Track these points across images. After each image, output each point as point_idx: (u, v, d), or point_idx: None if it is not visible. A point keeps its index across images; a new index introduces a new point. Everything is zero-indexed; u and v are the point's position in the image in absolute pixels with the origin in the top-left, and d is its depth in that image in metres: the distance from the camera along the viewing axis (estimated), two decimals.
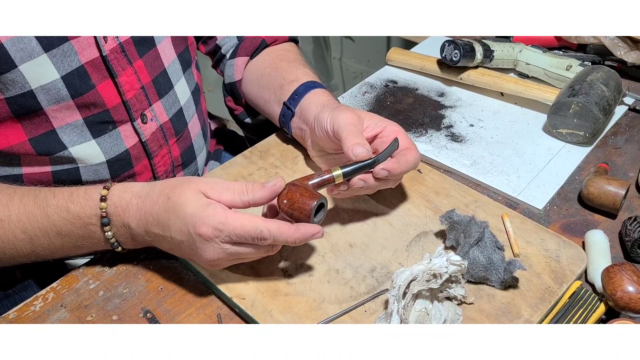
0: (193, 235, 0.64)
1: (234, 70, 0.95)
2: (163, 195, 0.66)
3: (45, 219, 0.68)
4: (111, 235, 0.68)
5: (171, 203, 0.65)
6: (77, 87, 0.73)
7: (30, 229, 0.68)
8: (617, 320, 0.64)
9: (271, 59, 0.93)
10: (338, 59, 2.44)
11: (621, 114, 0.98)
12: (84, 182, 0.79)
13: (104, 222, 0.67)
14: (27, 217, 0.68)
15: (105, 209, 0.67)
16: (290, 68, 0.90)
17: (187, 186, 0.65)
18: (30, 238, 0.69)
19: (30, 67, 0.69)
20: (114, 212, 0.67)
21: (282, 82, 0.87)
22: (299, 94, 0.84)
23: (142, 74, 0.80)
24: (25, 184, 0.77)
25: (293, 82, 0.86)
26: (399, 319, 0.62)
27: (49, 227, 0.68)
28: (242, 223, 0.63)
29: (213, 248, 0.64)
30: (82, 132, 0.76)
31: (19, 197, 0.69)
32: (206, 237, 0.63)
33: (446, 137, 0.94)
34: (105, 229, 0.68)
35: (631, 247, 0.74)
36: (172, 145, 0.87)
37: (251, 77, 0.94)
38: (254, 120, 1.01)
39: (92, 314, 0.68)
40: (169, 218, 0.65)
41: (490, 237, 0.71)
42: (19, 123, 0.72)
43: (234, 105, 1.00)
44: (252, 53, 0.94)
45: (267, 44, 0.95)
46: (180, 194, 0.65)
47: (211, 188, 0.65)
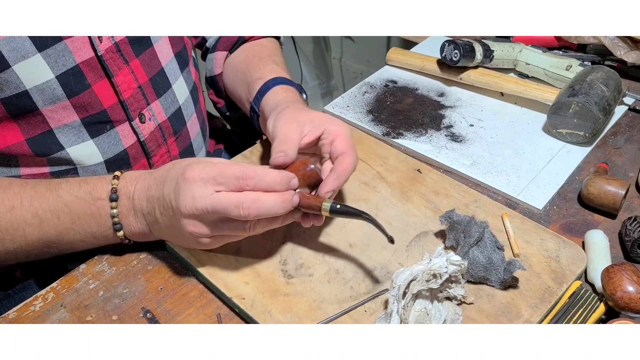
0: (179, 182, 0.64)
1: (213, 64, 0.96)
2: (171, 164, 0.68)
3: (57, 199, 0.69)
4: (116, 212, 0.69)
5: (173, 164, 0.68)
6: (73, 87, 0.73)
7: (41, 211, 0.69)
8: (617, 320, 0.64)
9: (245, 55, 0.94)
10: (338, 59, 2.44)
11: (621, 114, 0.98)
12: None
13: (112, 197, 0.69)
14: (38, 201, 0.69)
15: (117, 185, 0.69)
16: (259, 65, 0.90)
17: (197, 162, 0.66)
18: (40, 221, 0.69)
19: (24, 67, 0.68)
20: (123, 186, 0.69)
21: (250, 80, 0.88)
22: (261, 93, 0.84)
23: (139, 74, 0.80)
24: None
25: (257, 81, 0.86)
26: (399, 319, 0.62)
27: (60, 207, 0.69)
28: (229, 164, 0.64)
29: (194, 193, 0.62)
30: (79, 132, 0.76)
31: (31, 186, 0.70)
32: (191, 179, 0.63)
33: (446, 137, 0.94)
34: (112, 204, 0.69)
35: (631, 247, 0.74)
36: (170, 145, 0.87)
37: (227, 73, 0.96)
38: (236, 114, 1.02)
39: (92, 314, 0.68)
40: (167, 175, 0.66)
41: (490, 237, 0.71)
42: (15, 123, 0.72)
43: (215, 98, 1.01)
44: (230, 48, 0.95)
45: (244, 40, 0.96)
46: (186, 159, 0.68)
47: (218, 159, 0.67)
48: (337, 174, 0.70)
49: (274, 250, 0.74)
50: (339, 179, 0.70)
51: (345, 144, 0.72)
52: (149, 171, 0.71)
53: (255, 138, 0.97)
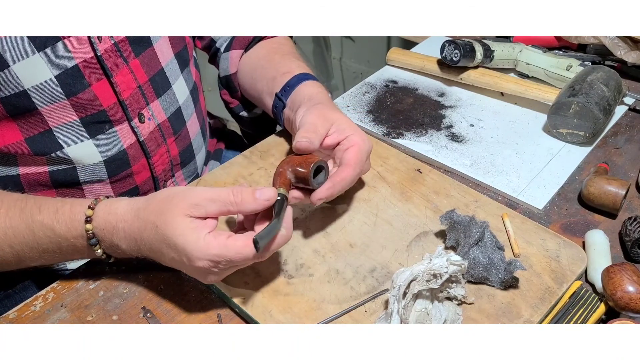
0: (189, 266, 0.63)
1: (228, 63, 0.96)
2: (150, 223, 0.63)
3: (31, 235, 0.66)
4: (101, 252, 0.67)
5: (160, 233, 0.62)
6: (72, 86, 0.73)
7: (17, 244, 0.67)
8: (617, 320, 0.64)
9: (265, 52, 0.94)
10: (338, 59, 2.44)
11: (621, 114, 0.98)
12: (82, 183, 0.79)
13: (92, 242, 0.66)
14: (13, 232, 0.67)
15: (92, 230, 0.65)
16: (284, 60, 0.90)
17: (171, 212, 0.62)
18: (17, 252, 0.68)
19: (23, 66, 0.68)
20: (101, 234, 0.66)
21: (275, 74, 0.88)
22: (291, 85, 0.84)
23: (138, 74, 0.80)
24: (23, 184, 0.77)
25: (286, 74, 0.86)
26: (399, 319, 0.62)
27: (35, 244, 0.67)
28: (238, 251, 0.60)
29: (212, 273, 0.63)
30: (78, 132, 0.76)
31: (5, 210, 0.67)
32: (205, 269, 0.62)
33: (446, 137, 0.94)
34: (95, 248, 0.66)
35: (631, 247, 0.74)
36: (170, 144, 0.87)
37: (245, 70, 0.95)
38: (250, 113, 1.02)
39: (92, 314, 0.68)
40: (161, 248, 0.63)
41: (491, 237, 0.71)
42: (14, 122, 0.72)
43: (229, 98, 1.01)
44: (246, 46, 0.96)
45: (261, 38, 0.96)
46: (166, 222, 0.61)
47: (196, 206, 0.61)
48: (333, 183, 0.70)
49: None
50: (332, 189, 0.70)
51: (355, 157, 0.72)
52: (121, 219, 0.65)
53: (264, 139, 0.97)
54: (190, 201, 0.62)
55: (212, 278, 0.64)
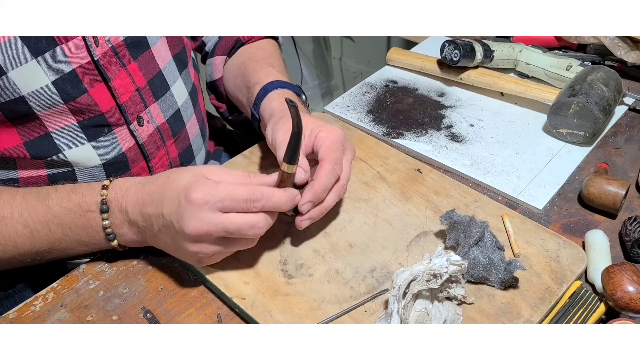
0: (183, 204, 0.63)
1: (212, 69, 0.97)
2: (163, 176, 0.67)
3: (47, 210, 0.69)
4: (108, 224, 0.68)
5: (169, 180, 0.66)
6: (69, 91, 0.73)
7: (32, 222, 0.68)
8: (617, 320, 0.64)
9: (243, 59, 0.94)
10: (338, 59, 2.44)
11: (621, 114, 0.98)
12: None
13: (103, 208, 0.68)
14: (28, 212, 0.69)
15: (106, 195, 0.68)
16: (255, 68, 0.89)
17: (188, 168, 0.67)
18: (31, 232, 0.69)
19: (20, 73, 0.68)
20: (114, 198, 0.68)
21: (249, 85, 0.88)
22: (259, 98, 0.84)
23: (136, 77, 0.80)
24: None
25: (255, 85, 0.86)
26: (399, 319, 0.62)
27: (50, 218, 0.69)
28: (235, 187, 0.63)
29: (201, 217, 0.62)
30: (77, 135, 0.76)
31: (21, 195, 0.70)
32: (197, 202, 0.62)
33: (446, 137, 0.94)
34: (103, 216, 0.68)
35: (631, 247, 0.74)
36: (169, 147, 0.87)
37: (228, 77, 0.96)
38: (240, 117, 1.02)
39: (92, 314, 0.68)
40: (163, 192, 0.65)
41: (490, 237, 0.71)
42: (13, 127, 0.72)
43: (217, 103, 1.01)
44: (228, 52, 0.96)
45: (242, 42, 0.96)
46: (179, 172, 0.66)
47: (212, 171, 0.66)
48: (313, 189, 0.68)
49: (274, 250, 0.74)
50: (314, 193, 0.68)
51: (326, 152, 0.70)
52: (139, 181, 0.69)
53: (258, 139, 0.97)
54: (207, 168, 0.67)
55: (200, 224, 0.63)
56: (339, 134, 0.73)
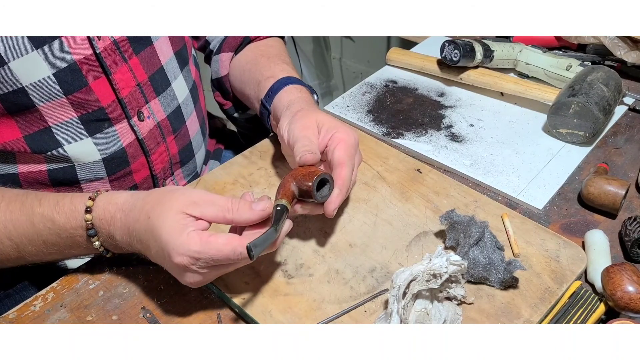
0: (167, 262, 0.62)
1: (219, 66, 0.97)
2: (144, 213, 0.63)
3: (31, 227, 0.67)
4: (99, 245, 0.68)
5: (150, 223, 0.62)
6: (70, 84, 0.73)
7: (16, 236, 0.68)
8: (617, 320, 0.64)
9: (253, 55, 0.94)
10: (338, 59, 2.44)
11: (621, 114, 0.98)
12: (80, 181, 0.79)
13: (91, 233, 0.67)
14: (13, 225, 0.67)
15: (91, 220, 0.66)
16: (269, 64, 0.90)
17: (168, 205, 0.62)
18: (17, 245, 0.68)
19: (21, 64, 0.68)
20: (100, 224, 0.66)
21: (260, 79, 0.88)
22: (273, 91, 0.84)
23: (137, 72, 0.80)
24: (22, 183, 0.77)
25: (269, 79, 0.86)
26: (399, 319, 0.62)
27: (35, 236, 0.68)
28: (219, 249, 0.60)
29: (191, 274, 0.62)
30: (77, 130, 0.76)
31: (6, 203, 0.68)
32: (182, 266, 0.61)
33: (446, 137, 0.94)
34: (93, 239, 0.67)
35: (631, 247, 0.74)
36: (169, 143, 0.87)
37: (235, 73, 0.96)
38: (244, 114, 1.02)
39: (92, 314, 0.68)
40: (148, 239, 0.63)
41: (490, 237, 0.71)
42: (13, 120, 0.72)
43: (222, 100, 1.01)
44: (236, 48, 0.96)
45: (250, 40, 0.96)
46: (159, 214, 0.62)
47: (194, 203, 0.62)
48: (339, 188, 0.69)
49: (274, 250, 0.74)
50: (341, 195, 0.69)
51: (345, 154, 0.71)
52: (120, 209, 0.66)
53: (262, 139, 0.97)
54: (190, 198, 0.63)
55: (191, 278, 0.63)
56: (355, 138, 0.74)
